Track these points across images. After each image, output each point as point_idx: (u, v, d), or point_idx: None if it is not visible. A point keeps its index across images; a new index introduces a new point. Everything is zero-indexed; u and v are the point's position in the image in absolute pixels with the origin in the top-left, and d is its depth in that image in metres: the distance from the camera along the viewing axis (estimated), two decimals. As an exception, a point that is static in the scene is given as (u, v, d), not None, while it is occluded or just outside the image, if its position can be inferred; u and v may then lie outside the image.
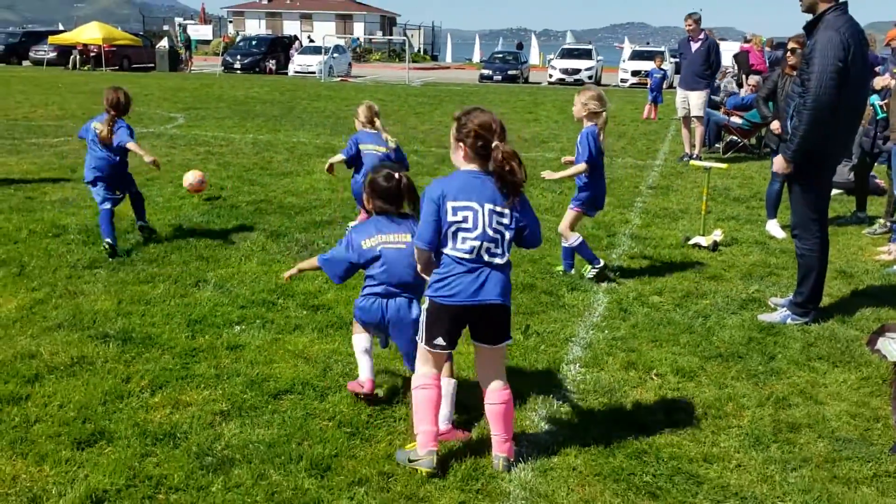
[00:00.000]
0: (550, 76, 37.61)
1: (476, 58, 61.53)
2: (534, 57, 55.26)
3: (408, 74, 36.85)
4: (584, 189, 6.43)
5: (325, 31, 55.81)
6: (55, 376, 4.50)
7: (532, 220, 3.65)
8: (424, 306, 3.65)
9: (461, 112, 3.60)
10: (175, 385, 4.44)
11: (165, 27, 60.78)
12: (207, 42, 57.07)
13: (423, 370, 3.73)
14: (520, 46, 51.08)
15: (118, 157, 6.98)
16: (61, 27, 56.14)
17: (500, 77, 38.07)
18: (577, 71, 36.66)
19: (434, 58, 67.45)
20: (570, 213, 6.53)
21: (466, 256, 3.50)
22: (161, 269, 6.53)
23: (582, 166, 6.29)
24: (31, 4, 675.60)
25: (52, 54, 39.53)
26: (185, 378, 4.53)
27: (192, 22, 60.19)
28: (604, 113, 6.23)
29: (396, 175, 4.06)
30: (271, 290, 6.09)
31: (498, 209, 3.51)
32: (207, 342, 5.08)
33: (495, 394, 3.72)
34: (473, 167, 3.56)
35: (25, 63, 41.26)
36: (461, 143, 3.55)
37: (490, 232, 3.49)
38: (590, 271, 6.52)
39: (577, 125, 6.54)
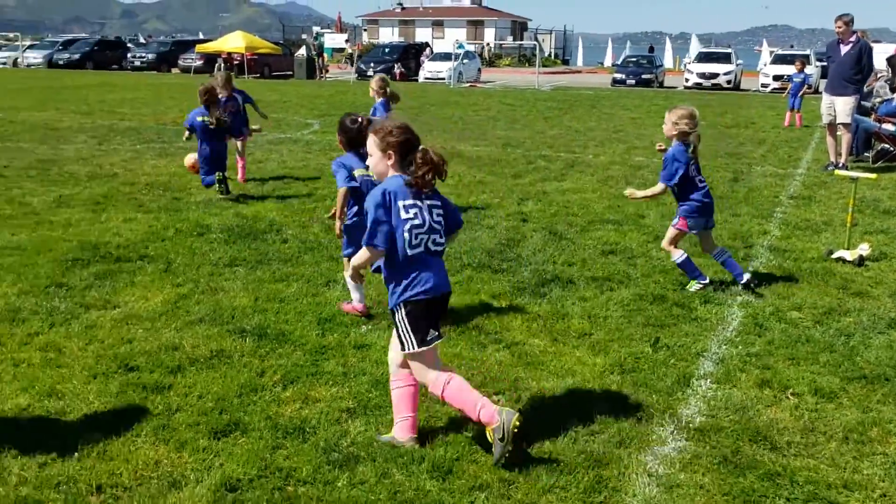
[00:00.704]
0: (687, 80, 36.53)
1: (608, 61, 60.69)
2: (668, 61, 53.95)
3: (537, 79, 36.78)
4: (682, 203, 6.33)
5: (455, 38, 56.42)
6: (195, 368, 4.75)
7: (447, 201, 3.86)
8: (402, 313, 3.68)
9: (379, 126, 3.80)
10: (305, 381, 4.60)
11: (304, 36, 63.12)
12: (343, 50, 58.86)
13: (431, 375, 3.76)
14: (651, 50, 50.04)
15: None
16: (201, 36, 59.34)
17: (633, 81, 37.25)
18: (715, 75, 35.43)
19: (565, 62, 67.03)
20: (670, 231, 6.44)
21: (420, 251, 3.65)
22: (294, 269, 6.78)
23: (659, 187, 6.28)
24: (179, 14, 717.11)
25: (199, 62, 41.85)
26: (315, 374, 4.68)
27: (329, 31, 62.13)
28: (696, 132, 6.17)
29: (360, 118, 5.28)
30: (398, 292, 6.20)
31: (433, 202, 3.74)
32: (336, 340, 5.23)
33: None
34: (399, 173, 3.73)
35: (174, 70, 43.88)
36: (391, 153, 3.72)
37: (434, 224, 3.71)
38: (693, 286, 6.34)
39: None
